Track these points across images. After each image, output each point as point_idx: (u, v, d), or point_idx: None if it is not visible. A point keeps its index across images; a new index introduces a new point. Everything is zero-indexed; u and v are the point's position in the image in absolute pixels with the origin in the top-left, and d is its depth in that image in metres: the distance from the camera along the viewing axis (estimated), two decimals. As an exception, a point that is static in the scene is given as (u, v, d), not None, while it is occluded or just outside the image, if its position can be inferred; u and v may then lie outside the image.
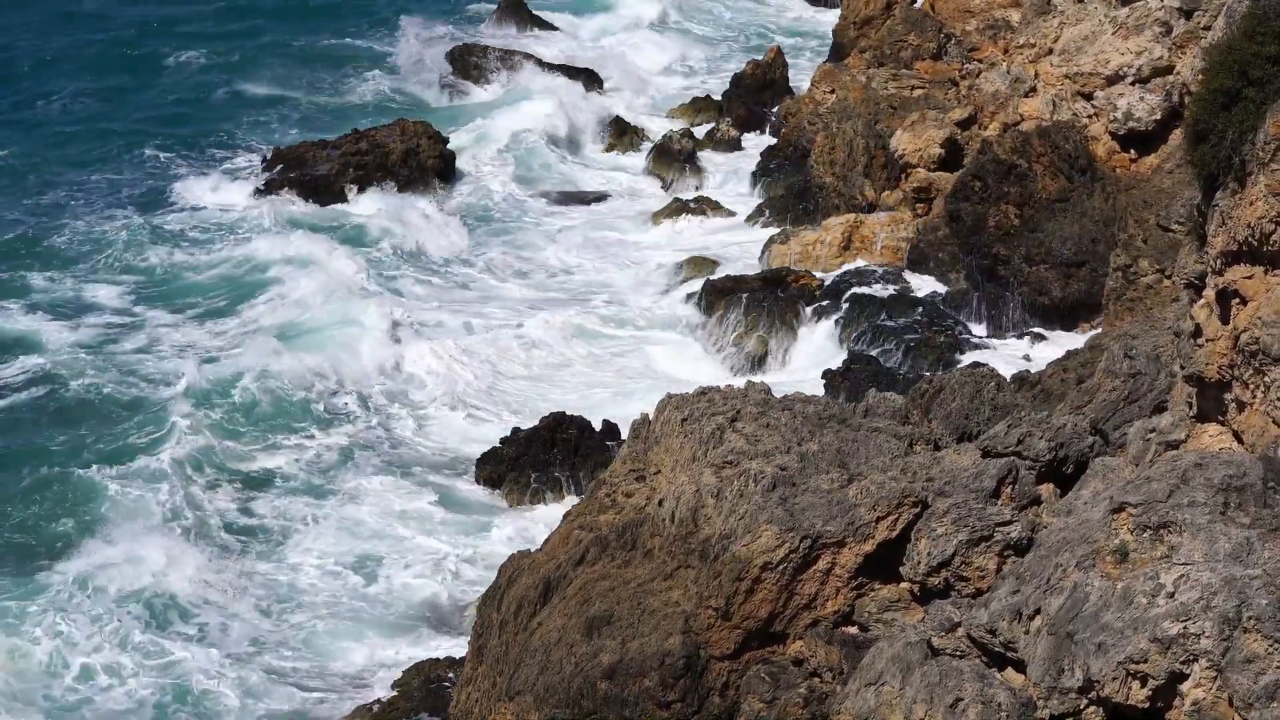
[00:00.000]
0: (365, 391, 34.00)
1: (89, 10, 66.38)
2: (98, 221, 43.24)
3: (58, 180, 46.76)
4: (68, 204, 44.89)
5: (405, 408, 33.52)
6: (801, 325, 35.58)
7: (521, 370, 35.32)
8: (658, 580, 18.56)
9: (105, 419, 32.21)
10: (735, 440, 19.38)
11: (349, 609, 26.14)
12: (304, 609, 26.16)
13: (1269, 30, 14.73)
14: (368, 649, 25.04)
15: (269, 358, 34.15)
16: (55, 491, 29.08)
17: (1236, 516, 13.52)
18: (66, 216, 43.70)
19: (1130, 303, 32.74)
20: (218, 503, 29.29)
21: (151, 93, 56.02)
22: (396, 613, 26.07)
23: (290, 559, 27.67)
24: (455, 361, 35.08)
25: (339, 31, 63.34)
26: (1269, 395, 14.72)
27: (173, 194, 45.61)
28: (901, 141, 39.90)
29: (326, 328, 36.55)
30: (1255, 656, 12.61)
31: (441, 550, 27.81)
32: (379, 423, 32.73)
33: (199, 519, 28.53)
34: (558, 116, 51.57)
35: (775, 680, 17.25)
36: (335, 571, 27.22)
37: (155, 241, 42.00)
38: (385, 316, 36.58)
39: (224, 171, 47.36)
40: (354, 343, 35.55)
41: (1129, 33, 37.02)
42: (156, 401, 32.68)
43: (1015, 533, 16.89)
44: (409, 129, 47.36)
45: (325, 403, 33.34)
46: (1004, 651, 14.60)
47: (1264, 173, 14.52)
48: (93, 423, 32.03)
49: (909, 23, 46.39)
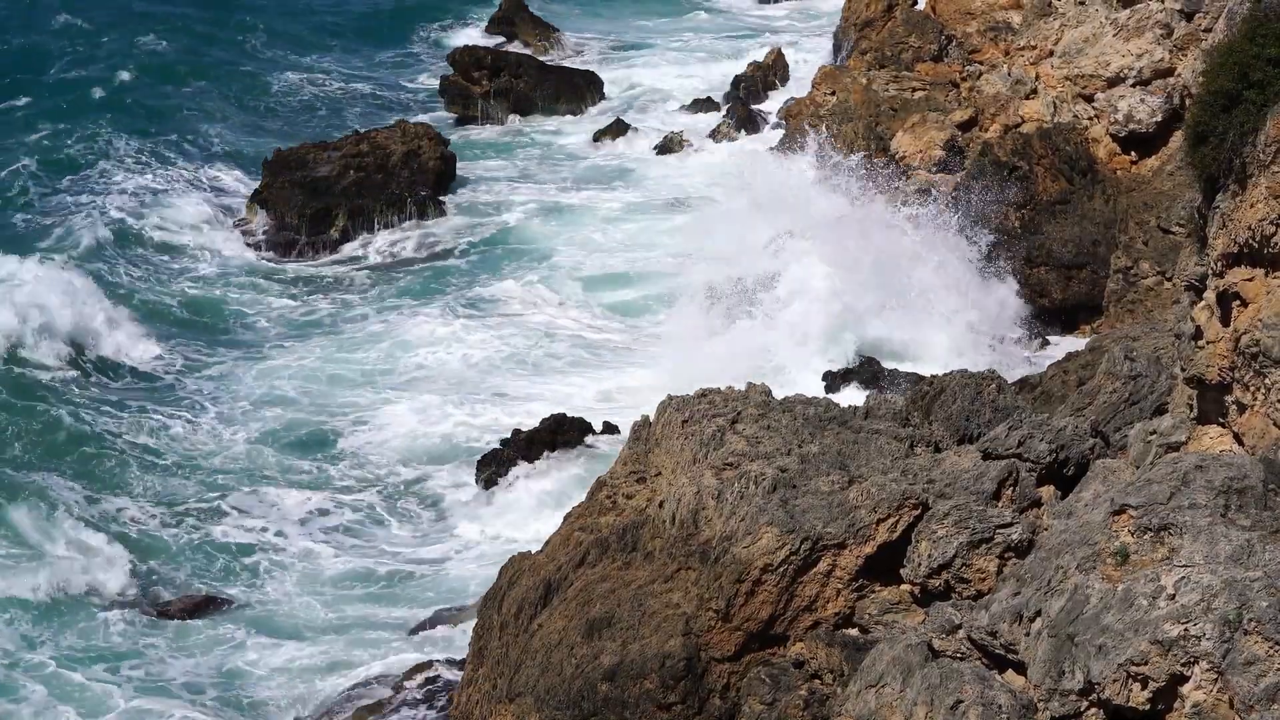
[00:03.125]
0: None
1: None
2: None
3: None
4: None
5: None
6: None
7: (522, 371, 35.36)
8: (658, 582, 18.56)
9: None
10: (736, 442, 19.38)
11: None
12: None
13: (1270, 32, 14.72)
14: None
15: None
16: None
17: (1237, 519, 13.51)
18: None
19: (1131, 305, 32.77)
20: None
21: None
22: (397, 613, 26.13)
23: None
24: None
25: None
26: (1269, 397, 14.71)
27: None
28: (902, 143, 39.90)
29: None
30: (1256, 659, 12.61)
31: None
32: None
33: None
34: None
35: (776, 682, 17.25)
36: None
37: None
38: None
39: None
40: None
41: (1130, 35, 37.02)
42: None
43: (1016, 535, 16.89)
44: (410, 130, 47.33)
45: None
46: (1005, 653, 14.60)
47: (1264, 175, 14.52)
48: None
49: (910, 24, 46.35)
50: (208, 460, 31.19)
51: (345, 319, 38.37)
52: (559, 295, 39.19)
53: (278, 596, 26.71)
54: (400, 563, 27.82)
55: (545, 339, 36.71)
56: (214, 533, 28.58)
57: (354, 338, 37.11)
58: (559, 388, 34.44)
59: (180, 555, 27.88)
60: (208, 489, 30.05)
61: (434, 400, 33.56)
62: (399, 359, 35.85)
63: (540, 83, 55.23)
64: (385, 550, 28.25)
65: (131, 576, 26.83)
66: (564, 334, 37.08)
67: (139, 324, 37.02)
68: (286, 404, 33.58)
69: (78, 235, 41.85)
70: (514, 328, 37.36)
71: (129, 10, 62.75)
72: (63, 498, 28.68)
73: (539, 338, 36.79)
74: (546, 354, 36.02)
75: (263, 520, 28.99)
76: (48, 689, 23.59)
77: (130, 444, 31.46)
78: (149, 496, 29.61)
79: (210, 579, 27.19)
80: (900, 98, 43.02)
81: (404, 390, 34.21)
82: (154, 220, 43.67)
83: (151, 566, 27.39)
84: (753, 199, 37.57)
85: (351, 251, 43.25)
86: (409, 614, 26.03)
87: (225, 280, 41.01)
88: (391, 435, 32.21)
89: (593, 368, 35.50)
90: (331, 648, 25.08)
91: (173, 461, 30.99)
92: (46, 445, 31.03)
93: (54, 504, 28.17)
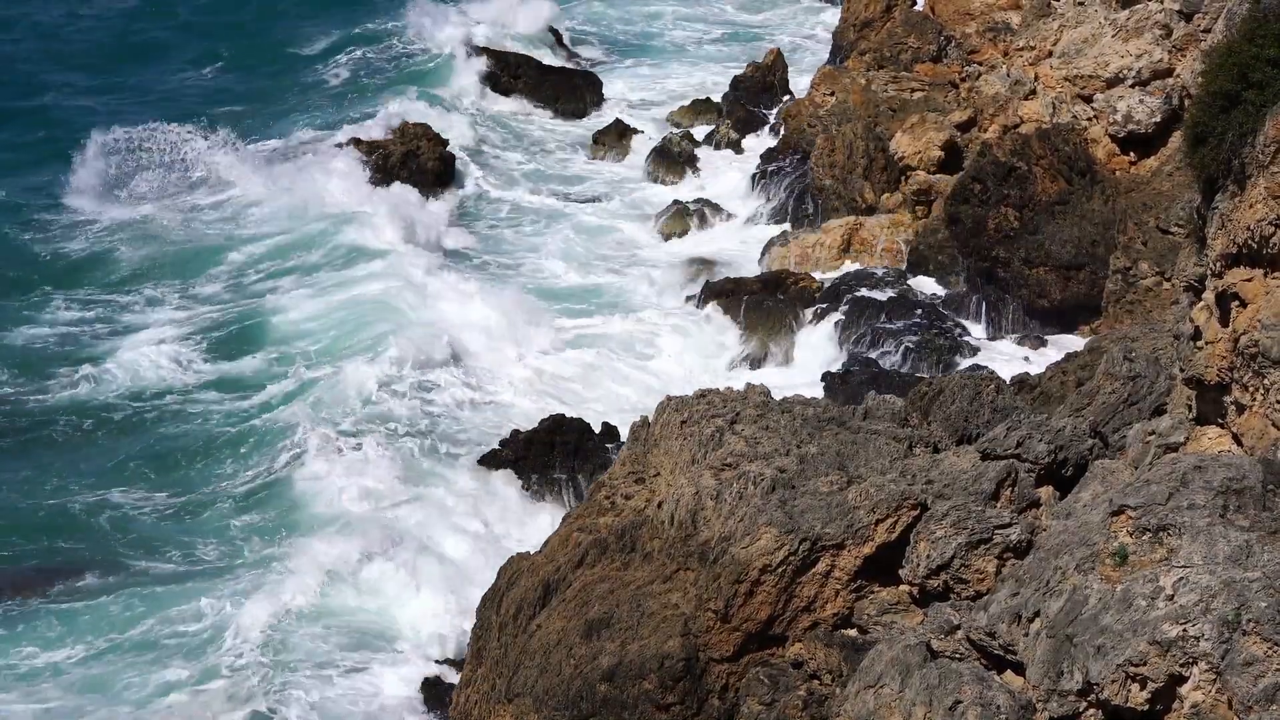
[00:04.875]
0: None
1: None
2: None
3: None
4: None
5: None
6: (801, 328, 35.58)
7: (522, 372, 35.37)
8: (657, 582, 18.57)
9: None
10: (735, 443, 19.38)
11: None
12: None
13: (1269, 33, 14.73)
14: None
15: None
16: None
17: (1236, 519, 13.51)
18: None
19: (1130, 305, 32.77)
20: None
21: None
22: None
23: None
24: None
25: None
26: (1268, 398, 14.71)
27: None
28: (901, 144, 39.92)
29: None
30: (1254, 659, 12.61)
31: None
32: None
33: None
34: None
35: (774, 682, 17.25)
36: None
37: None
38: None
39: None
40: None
41: (1129, 35, 37.02)
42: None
43: (1015, 535, 16.89)
44: (409, 130, 47.37)
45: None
46: (1003, 654, 14.60)
47: (1263, 175, 14.52)
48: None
49: (909, 25, 46.39)
50: (208, 459, 31.29)
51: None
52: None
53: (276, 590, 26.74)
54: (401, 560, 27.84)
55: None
56: (212, 529, 28.67)
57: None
58: (561, 388, 34.52)
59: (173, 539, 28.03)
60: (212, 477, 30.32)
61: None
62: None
63: (540, 84, 55.24)
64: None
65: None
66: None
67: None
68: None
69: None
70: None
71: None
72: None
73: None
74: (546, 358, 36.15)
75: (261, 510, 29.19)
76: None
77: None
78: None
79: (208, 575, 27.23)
80: (899, 98, 43.05)
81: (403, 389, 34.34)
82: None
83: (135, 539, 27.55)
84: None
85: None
86: (410, 611, 26.06)
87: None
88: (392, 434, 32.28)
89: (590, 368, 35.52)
90: (332, 647, 25.07)
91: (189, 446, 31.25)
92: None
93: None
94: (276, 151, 48.36)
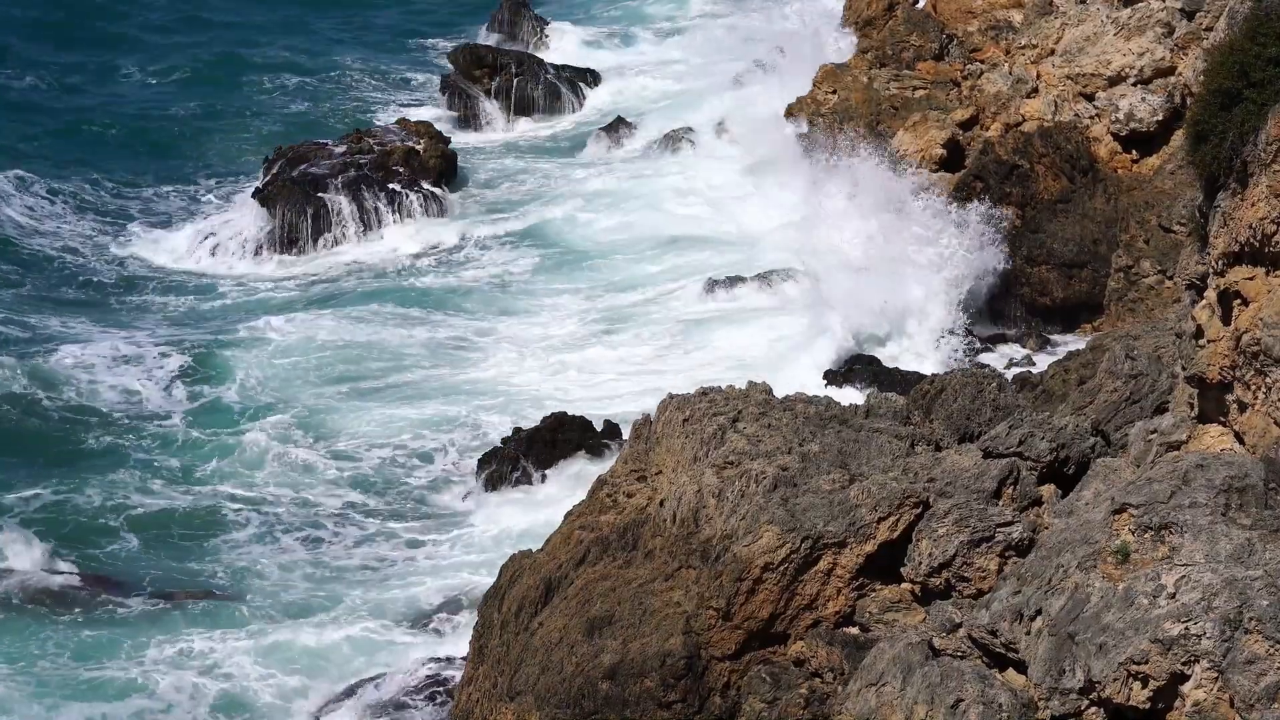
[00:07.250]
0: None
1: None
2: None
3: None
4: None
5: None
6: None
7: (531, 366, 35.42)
8: (659, 581, 18.57)
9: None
10: (737, 441, 19.38)
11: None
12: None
13: (1271, 31, 14.72)
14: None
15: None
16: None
17: (1238, 518, 13.52)
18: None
19: (1132, 304, 32.77)
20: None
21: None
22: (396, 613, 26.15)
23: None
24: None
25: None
26: (1270, 396, 14.71)
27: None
28: (903, 142, 39.88)
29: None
30: (1256, 658, 12.62)
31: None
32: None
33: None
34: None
35: (776, 681, 17.26)
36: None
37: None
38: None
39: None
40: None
41: (1131, 34, 37.00)
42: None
43: (1016, 533, 16.90)
44: (411, 128, 47.34)
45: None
46: (1005, 652, 14.61)
47: (1265, 174, 14.51)
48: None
49: (911, 24, 46.31)
50: (206, 457, 31.31)
51: (351, 318, 38.34)
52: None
53: (276, 589, 26.71)
54: (401, 558, 27.85)
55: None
56: (212, 525, 28.68)
57: (355, 339, 37.12)
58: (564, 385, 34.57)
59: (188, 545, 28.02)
60: (202, 484, 30.29)
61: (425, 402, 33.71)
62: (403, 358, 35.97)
63: (541, 80, 55.25)
64: (386, 545, 28.30)
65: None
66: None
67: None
68: (288, 401, 33.64)
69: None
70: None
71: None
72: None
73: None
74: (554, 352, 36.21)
75: (260, 512, 29.12)
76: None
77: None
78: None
79: (207, 572, 27.25)
80: (901, 96, 43.01)
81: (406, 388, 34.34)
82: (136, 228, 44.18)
83: (156, 555, 27.50)
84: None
85: (352, 250, 43.28)
86: (409, 611, 26.05)
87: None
88: (392, 431, 32.27)
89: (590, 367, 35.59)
90: (331, 645, 25.09)
91: (179, 464, 31.10)
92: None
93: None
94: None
